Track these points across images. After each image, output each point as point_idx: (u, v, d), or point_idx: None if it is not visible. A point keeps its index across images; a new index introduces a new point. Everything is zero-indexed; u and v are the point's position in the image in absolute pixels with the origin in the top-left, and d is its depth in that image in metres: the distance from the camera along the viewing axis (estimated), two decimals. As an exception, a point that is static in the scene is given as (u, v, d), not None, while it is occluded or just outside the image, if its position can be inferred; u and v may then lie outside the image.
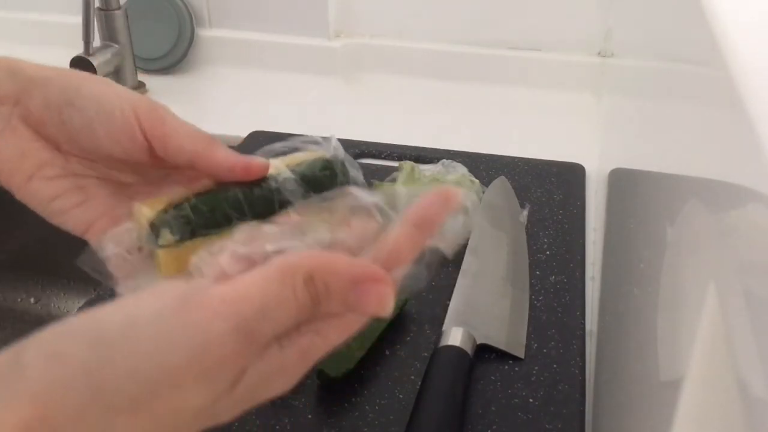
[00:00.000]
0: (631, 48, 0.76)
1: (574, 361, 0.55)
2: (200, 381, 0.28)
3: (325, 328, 0.31)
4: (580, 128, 0.92)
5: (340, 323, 0.32)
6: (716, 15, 0.34)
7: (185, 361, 0.27)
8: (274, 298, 0.29)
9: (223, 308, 0.28)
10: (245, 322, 0.28)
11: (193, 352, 0.27)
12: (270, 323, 0.29)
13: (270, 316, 0.29)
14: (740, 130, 0.26)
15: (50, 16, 1.13)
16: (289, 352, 0.30)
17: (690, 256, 0.32)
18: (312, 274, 0.30)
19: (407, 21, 1.04)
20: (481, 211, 0.69)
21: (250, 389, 0.30)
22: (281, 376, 0.31)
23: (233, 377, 0.29)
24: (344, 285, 0.30)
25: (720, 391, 0.23)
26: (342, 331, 0.32)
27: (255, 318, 0.28)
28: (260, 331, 0.29)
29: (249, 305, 0.28)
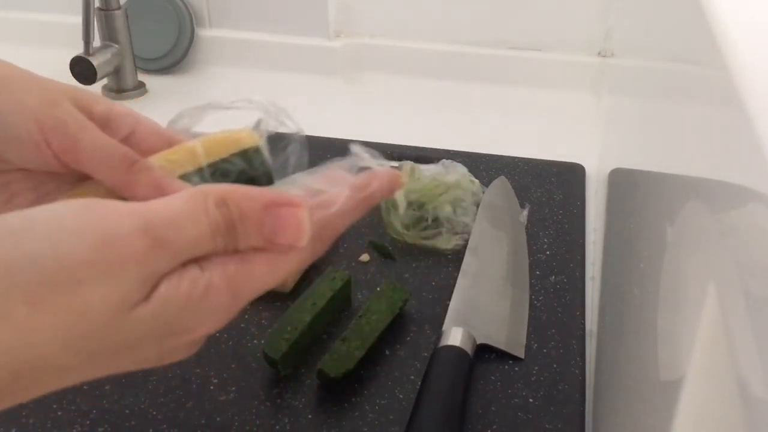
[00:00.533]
0: (631, 48, 0.76)
1: (574, 361, 0.55)
2: (103, 279, 0.26)
3: (251, 257, 0.30)
4: (580, 128, 0.92)
5: (266, 256, 0.30)
6: (716, 15, 0.34)
7: (85, 253, 0.26)
8: (183, 213, 0.28)
9: (127, 211, 0.27)
10: (153, 226, 0.27)
11: (94, 245, 0.26)
12: (180, 233, 0.27)
13: (180, 226, 0.27)
14: (740, 130, 0.26)
15: (50, 16, 1.13)
16: (214, 277, 0.29)
17: (690, 256, 0.32)
18: (224, 198, 0.29)
19: (407, 21, 1.04)
20: (481, 211, 0.69)
21: (172, 310, 0.28)
22: (207, 302, 0.29)
23: (141, 282, 0.27)
24: (258, 208, 0.29)
25: (720, 391, 0.23)
26: (270, 266, 0.31)
27: (163, 224, 0.27)
28: (169, 238, 0.27)
29: (157, 214, 0.27)
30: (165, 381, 0.53)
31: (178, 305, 0.28)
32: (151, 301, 0.28)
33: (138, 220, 0.27)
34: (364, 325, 0.54)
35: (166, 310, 0.28)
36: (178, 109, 0.40)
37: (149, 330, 0.28)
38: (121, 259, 0.26)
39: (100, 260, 0.26)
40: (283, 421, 0.50)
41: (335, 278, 0.58)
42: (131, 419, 0.50)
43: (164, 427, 0.49)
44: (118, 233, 0.26)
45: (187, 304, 0.28)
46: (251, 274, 0.30)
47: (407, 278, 0.63)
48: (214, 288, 0.29)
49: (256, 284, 0.31)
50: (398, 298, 0.58)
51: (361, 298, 0.61)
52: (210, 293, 0.29)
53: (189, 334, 0.30)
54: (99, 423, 0.49)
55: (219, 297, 0.29)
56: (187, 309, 0.29)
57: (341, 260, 0.65)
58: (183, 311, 0.28)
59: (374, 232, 0.69)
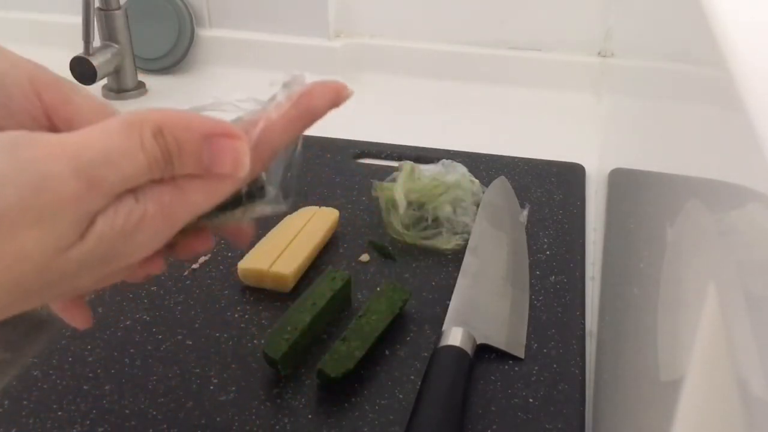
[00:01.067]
0: (631, 48, 0.76)
1: (574, 361, 0.55)
2: (37, 223, 0.25)
3: (187, 184, 0.30)
4: (580, 128, 0.92)
5: (202, 183, 0.30)
6: (716, 15, 0.34)
7: (17, 199, 0.25)
8: (117, 147, 0.27)
9: (59, 150, 0.26)
10: (85, 165, 0.26)
11: (26, 191, 0.25)
12: (115, 171, 0.27)
13: (114, 163, 0.27)
14: (740, 130, 0.26)
15: (50, 16, 1.13)
16: (149, 205, 0.29)
17: (690, 256, 0.32)
18: (161, 127, 0.28)
19: (407, 21, 1.04)
20: (481, 211, 0.69)
21: (107, 243, 0.28)
22: (142, 231, 0.29)
23: (77, 223, 0.27)
24: (196, 139, 0.29)
25: (720, 391, 0.23)
26: (206, 193, 0.30)
27: (97, 163, 0.26)
28: (104, 177, 0.27)
29: (89, 151, 0.26)
30: (165, 381, 0.53)
31: (113, 237, 0.28)
32: (87, 238, 0.27)
33: (70, 161, 0.26)
34: (364, 325, 0.54)
35: (102, 243, 0.28)
36: (178, 108, 0.40)
37: (85, 264, 0.28)
38: (54, 202, 0.26)
39: (34, 205, 0.25)
40: (283, 421, 0.50)
41: (335, 278, 0.58)
42: (131, 419, 0.50)
43: (164, 427, 0.49)
44: (50, 176, 0.26)
45: (122, 235, 0.28)
46: (186, 200, 0.30)
47: (407, 278, 0.63)
48: (149, 216, 0.29)
49: (191, 209, 0.30)
50: (398, 298, 0.58)
51: (361, 298, 0.61)
52: (145, 222, 0.29)
53: (124, 260, 0.30)
54: (99, 423, 0.49)
55: (154, 225, 0.29)
56: (122, 239, 0.28)
57: (341, 260, 0.65)
58: (118, 242, 0.28)
59: (374, 232, 0.69)
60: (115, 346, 0.55)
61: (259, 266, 0.61)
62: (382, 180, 0.70)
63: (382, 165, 0.81)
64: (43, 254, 0.26)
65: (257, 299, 0.60)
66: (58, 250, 0.27)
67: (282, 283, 0.61)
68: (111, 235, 0.28)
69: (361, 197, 0.74)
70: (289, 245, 0.63)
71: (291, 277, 0.61)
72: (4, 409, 0.50)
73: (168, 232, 0.30)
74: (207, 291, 0.61)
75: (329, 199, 0.74)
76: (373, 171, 0.78)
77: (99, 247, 0.28)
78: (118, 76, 1.00)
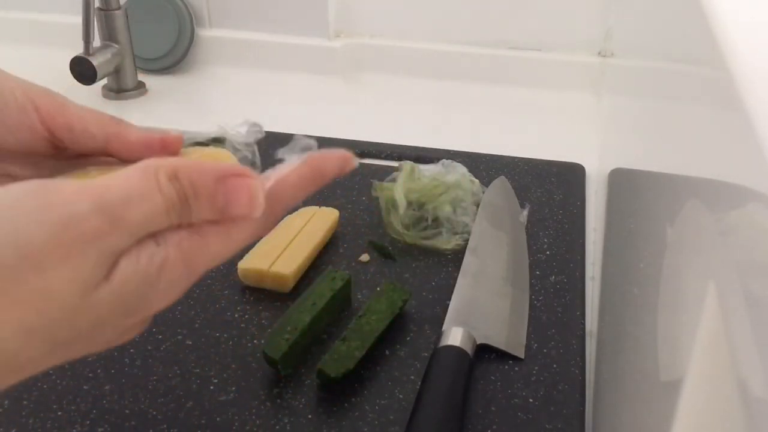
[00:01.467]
0: (631, 48, 0.76)
1: (574, 361, 0.55)
2: (63, 261, 0.26)
3: (206, 230, 0.30)
4: (580, 128, 0.92)
5: (220, 228, 0.31)
6: (716, 15, 0.34)
7: (45, 238, 0.26)
8: (137, 189, 0.28)
9: (81, 192, 0.27)
10: (108, 204, 0.27)
11: (52, 230, 0.26)
12: (135, 210, 0.28)
13: (134, 203, 0.28)
14: (740, 130, 0.26)
15: (50, 16, 1.13)
16: (170, 251, 0.29)
17: (690, 256, 0.32)
18: (176, 171, 0.29)
19: (407, 21, 1.04)
20: (481, 211, 0.69)
21: (132, 286, 0.28)
22: (164, 277, 0.29)
23: (102, 262, 0.27)
24: (210, 181, 0.30)
25: (720, 391, 0.23)
26: (225, 239, 0.31)
27: (118, 203, 0.27)
28: (125, 217, 0.27)
29: (110, 192, 0.27)
30: (165, 381, 0.53)
31: (137, 281, 0.28)
32: (112, 279, 0.28)
33: (93, 200, 0.27)
34: (364, 325, 0.54)
35: (127, 287, 0.28)
36: (178, 109, 0.40)
37: (112, 308, 0.28)
38: (79, 240, 0.26)
39: (60, 244, 0.26)
40: (283, 421, 0.50)
41: (335, 278, 0.58)
42: (131, 419, 0.50)
43: (164, 427, 0.49)
44: (75, 215, 0.26)
45: (146, 280, 0.29)
46: (206, 247, 0.30)
47: (407, 278, 0.63)
48: (170, 262, 0.29)
49: (211, 256, 0.31)
50: (398, 298, 0.58)
51: (361, 298, 0.61)
52: (166, 267, 0.29)
53: (147, 309, 0.30)
54: (99, 423, 0.49)
55: (175, 270, 0.30)
56: (145, 284, 0.29)
57: (341, 260, 0.65)
58: (142, 287, 0.29)
59: (374, 232, 0.69)
60: (115, 346, 0.55)
61: (259, 266, 0.61)
62: (382, 180, 0.70)
63: (382, 165, 0.81)
64: (72, 294, 0.26)
65: (257, 299, 0.60)
66: (86, 291, 0.27)
67: (282, 283, 0.61)
68: (135, 277, 0.28)
69: (361, 197, 0.74)
70: (289, 245, 0.63)
71: (291, 277, 0.61)
72: (4, 409, 0.50)
73: (189, 280, 0.31)
74: (207, 291, 0.61)
75: (329, 199, 0.74)
76: (373, 171, 0.78)
77: (124, 289, 0.28)
78: (118, 76, 1.00)
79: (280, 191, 0.33)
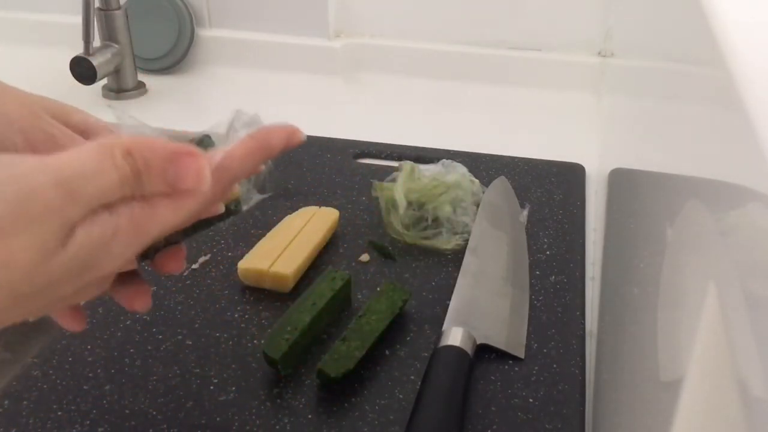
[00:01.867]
0: (631, 48, 0.76)
1: (574, 361, 0.55)
2: (25, 230, 0.28)
3: (156, 201, 0.33)
4: (580, 128, 0.92)
5: (170, 200, 0.33)
6: (716, 15, 0.34)
7: (10, 209, 0.28)
8: (92, 165, 0.30)
9: (41, 166, 0.29)
10: (65, 178, 0.29)
11: (17, 201, 0.28)
12: (91, 184, 0.30)
13: (90, 178, 0.30)
14: (740, 130, 0.26)
15: (50, 16, 1.13)
16: (122, 219, 0.32)
17: (690, 256, 0.32)
18: (130, 149, 0.31)
19: (407, 21, 1.04)
20: (481, 211, 0.69)
21: (86, 252, 0.31)
22: (116, 242, 0.32)
23: (60, 231, 0.29)
24: (162, 159, 0.32)
25: (720, 391, 0.23)
26: (173, 208, 0.33)
27: (75, 177, 0.29)
28: (82, 190, 0.30)
29: (68, 168, 0.30)
30: (165, 381, 0.53)
31: (90, 247, 0.31)
32: (68, 246, 0.30)
33: (52, 175, 0.29)
34: (364, 325, 0.54)
35: (81, 252, 0.31)
36: (178, 109, 0.40)
37: (67, 271, 0.31)
38: (38, 211, 0.28)
39: (21, 214, 0.28)
40: (283, 421, 0.50)
41: (335, 278, 0.58)
42: (131, 419, 0.50)
43: (164, 427, 0.49)
44: (35, 188, 0.28)
45: (99, 246, 0.31)
46: (155, 216, 0.33)
47: (407, 278, 0.63)
48: (122, 230, 0.32)
49: (160, 224, 0.33)
50: (398, 298, 0.58)
51: (361, 298, 0.61)
52: (118, 234, 0.32)
53: (100, 270, 0.32)
54: (99, 423, 0.49)
55: (126, 237, 0.32)
56: (98, 249, 0.31)
57: (341, 260, 0.65)
58: (95, 251, 0.31)
59: (374, 232, 0.69)
60: (115, 346, 0.55)
61: (259, 266, 0.61)
62: (382, 180, 0.70)
63: (382, 165, 0.81)
64: (31, 261, 0.29)
65: (257, 299, 0.60)
66: (44, 257, 0.29)
67: (282, 283, 0.61)
68: (89, 244, 0.31)
69: (361, 197, 0.74)
70: (289, 245, 0.63)
71: (291, 277, 0.61)
72: (4, 409, 0.50)
73: (138, 244, 0.33)
74: (207, 291, 0.61)
75: (329, 199, 0.74)
76: (373, 171, 0.78)
77: (79, 255, 0.30)
78: (118, 76, 1.00)
79: (227, 165, 0.35)
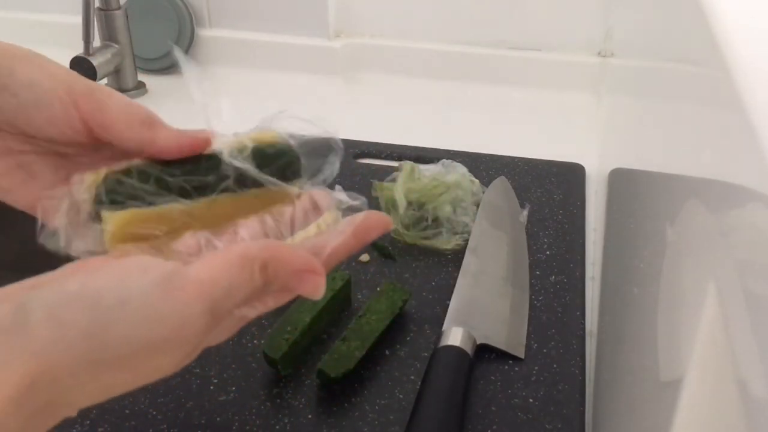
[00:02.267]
0: (631, 48, 0.76)
1: (574, 361, 0.55)
2: (176, 348, 0.33)
3: (265, 298, 0.37)
4: (580, 128, 0.92)
5: (277, 295, 0.38)
6: (716, 15, 0.34)
7: (168, 332, 0.32)
8: (236, 282, 0.34)
9: (199, 292, 0.33)
10: (215, 303, 0.33)
11: (174, 327, 0.32)
12: (232, 302, 0.34)
13: (233, 296, 0.34)
14: (740, 130, 0.26)
15: (50, 16, 1.13)
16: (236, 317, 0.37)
17: (690, 256, 0.32)
18: (267, 263, 0.35)
19: (407, 21, 1.04)
20: (481, 211, 0.69)
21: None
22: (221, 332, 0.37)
23: (200, 345, 0.34)
24: (290, 273, 0.36)
25: (720, 391, 0.23)
26: (277, 302, 0.38)
27: (222, 299, 0.34)
28: (225, 309, 0.34)
29: (219, 289, 0.33)
30: (165, 381, 0.52)
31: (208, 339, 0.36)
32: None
33: (204, 303, 0.33)
34: (364, 325, 0.54)
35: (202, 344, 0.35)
36: (178, 109, 0.40)
37: None
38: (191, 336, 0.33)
39: (176, 337, 0.32)
40: (283, 421, 0.50)
41: (335, 278, 0.58)
42: (131, 419, 0.50)
43: (164, 427, 0.49)
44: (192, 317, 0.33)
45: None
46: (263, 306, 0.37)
47: (407, 278, 0.63)
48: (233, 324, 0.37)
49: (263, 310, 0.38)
50: (398, 298, 0.58)
51: (361, 298, 0.61)
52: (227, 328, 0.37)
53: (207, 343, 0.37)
54: (99, 423, 0.49)
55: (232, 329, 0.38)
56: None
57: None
58: None
59: (374, 232, 0.69)
60: None
61: (259, 266, 0.61)
62: (382, 180, 0.70)
63: (382, 165, 0.81)
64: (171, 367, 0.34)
65: (257, 299, 0.60)
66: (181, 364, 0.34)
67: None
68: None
69: (361, 197, 0.74)
70: (289, 245, 0.63)
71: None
72: (4, 409, 0.50)
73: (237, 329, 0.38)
74: (207, 291, 0.61)
75: (329, 199, 0.73)
76: (373, 171, 0.78)
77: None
78: (118, 76, 1.00)
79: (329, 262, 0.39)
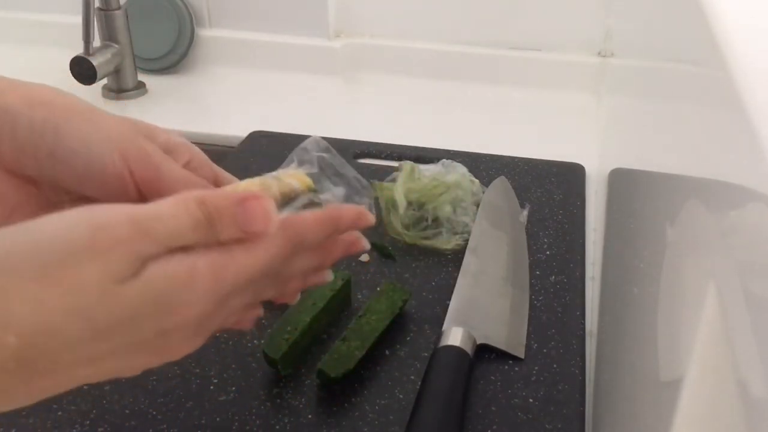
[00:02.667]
0: (631, 48, 0.76)
1: (574, 361, 0.55)
2: (96, 259, 0.30)
3: (231, 246, 0.35)
4: (580, 128, 0.92)
5: (245, 245, 0.35)
6: (716, 15, 0.34)
7: (83, 238, 0.30)
8: (166, 210, 0.33)
9: (117, 208, 0.32)
10: (139, 218, 0.32)
11: (89, 232, 0.31)
12: (163, 225, 0.32)
13: (163, 219, 0.32)
14: (740, 130, 0.26)
15: (50, 16, 1.13)
16: (199, 262, 0.33)
17: (690, 256, 0.32)
18: (203, 199, 0.34)
19: (407, 21, 1.05)
20: (481, 211, 0.69)
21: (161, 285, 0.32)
22: (194, 285, 0.33)
23: (129, 261, 0.31)
24: (230, 204, 0.34)
25: (720, 391, 0.23)
26: (249, 254, 0.35)
27: (148, 218, 0.32)
28: (154, 229, 0.32)
29: (142, 210, 0.32)
30: (165, 381, 0.53)
31: (163, 283, 0.32)
32: (140, 276, 0.31)
33: (126, 214, 0.32)
34: (364, 325, 0.54)
35: (153, 286, 0.32)
36: (178, 109, 0.40)
37: (142, 303, 0.32)
38: (109, 241, 0.31)
39: (95, 243, 0.31)
40: (283, 421, 0.50)
41: (335, 278, 0.58)
42: (131, 419, 0.50)
43: (164, 427, 0.49)
44: (108, 221, 0.31)
45: (172, 282, 0.32)
46: (232, 260, 0.34)
47: (407, 278, 0.63)
48: (199, 271, 0.33)
49: (237, 269, 0.35)
50: (398, 298, 0.58)
51: (361, 298, 0.61)
52: (195, 275, 0.33)
53: (180, 314, 0.33)
54: (99, 423, 0.49)
55: (203, 280, 0.33)
56: (173, 287, 0.32)
57: (341, 260, 0.65)
58: (169, 288, 0.32)
59: (374, 232, 0.69)
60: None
61: (259, 266, 0.61)
62: (382, 180, 0.70)
63: (382, 165, 0.81)
64: (102, 284, 0.31)
65: (257, 299, 0.60)
66: (114, 282, 0.31)
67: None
68: (164, 279, 0.32)
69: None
70: (289, 245, 0.63)
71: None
72: (4, 409, 0.50)
73: (218, 291, 0.34)
74: (207, 291, 0.61)
75: (329, 199, 0.73)
76: (373, 171, 0.78)
77: (150, 288, 0.32)
78: (118, 76, 1.00)
79: (295, 222, 0.38)
